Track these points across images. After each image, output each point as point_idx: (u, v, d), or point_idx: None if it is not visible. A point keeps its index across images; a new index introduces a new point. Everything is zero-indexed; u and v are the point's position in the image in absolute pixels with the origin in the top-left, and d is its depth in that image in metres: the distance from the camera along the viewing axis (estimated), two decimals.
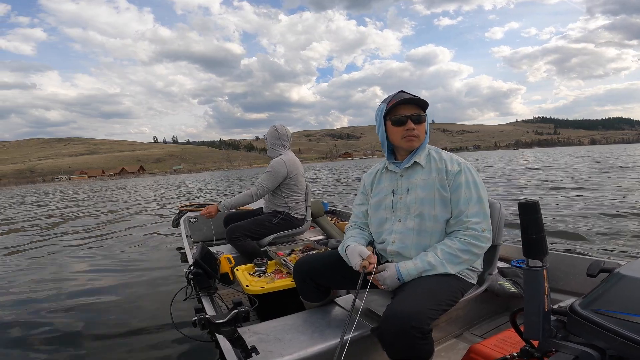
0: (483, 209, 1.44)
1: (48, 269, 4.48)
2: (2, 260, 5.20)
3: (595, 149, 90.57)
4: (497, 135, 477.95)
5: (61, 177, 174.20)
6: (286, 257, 2.38)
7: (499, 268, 2.03)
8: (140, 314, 2.83)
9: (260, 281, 2.08)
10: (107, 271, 4.20)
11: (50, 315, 2.90)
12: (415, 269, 1.42)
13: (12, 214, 13.39)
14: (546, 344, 0.92)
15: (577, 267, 1.88)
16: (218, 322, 1.27)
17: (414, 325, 1.18)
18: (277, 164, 2.94)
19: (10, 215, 12.67)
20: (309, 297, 1.77)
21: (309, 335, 1.50)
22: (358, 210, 1.75)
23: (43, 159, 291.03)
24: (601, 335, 0.83)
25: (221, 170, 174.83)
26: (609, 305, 0.88)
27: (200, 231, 4.07)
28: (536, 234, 0.93)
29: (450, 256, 1.41)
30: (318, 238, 3.41)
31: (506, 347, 1.24)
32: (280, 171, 2.93)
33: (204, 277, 1.95)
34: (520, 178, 13.61)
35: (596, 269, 1.03)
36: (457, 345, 1.75)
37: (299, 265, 1.76)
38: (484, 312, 1.95)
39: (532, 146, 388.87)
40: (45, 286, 3.69)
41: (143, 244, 5.71)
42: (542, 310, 0.90)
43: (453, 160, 1.53)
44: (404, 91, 1.54)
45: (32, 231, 8.06)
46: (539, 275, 0.92)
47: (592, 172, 13.81)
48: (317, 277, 1.70)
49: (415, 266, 1.42)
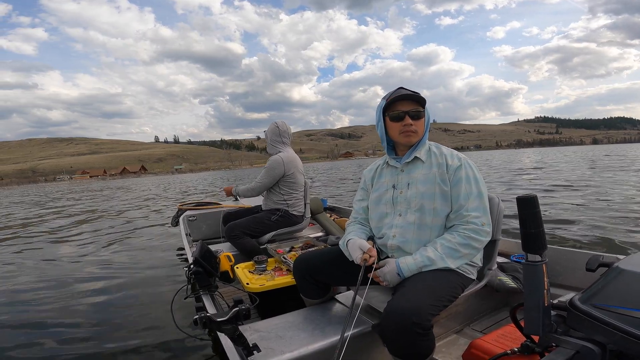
0: (483, 203, 1.44)
1: (47, 269, 4.49)
2: (7, 257, 5.22)
3: (598, 148, 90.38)
4: (499, 134, 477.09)
5: (63, 177, 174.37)
6: (286, 255, 2.38)
7: (498, 263, 2.03)
8: (142, 313, 2.83)
9: (260, 279, 2.08)
10: (108, 270, 4.21)
11: (50, 315, 2.92)
12: (415, 264, 1.42)
13: (20, 211, 13.43)
14: (546, 339, 0.92)
15: (576, 262, 1.88)
16: (219, 320, 1.27)
17: (414, 321, 1.18)
18: (274, 162, 2.95)
19: (20, 214, 12.71)
20: (309, 294, 1.77)
21: (310, 332, 1.50)
22: (358, 205, 1.75)
23: (45, 159, 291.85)
24: (601, 330, 0.83)
25: (222, 170, 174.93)
26: (608, 299, 0.87)
27: (199, 229, 4.08)
28: (535, 228, 0.93)
29: (450, 250, 1.41)
30: (317, 235, 3.41)
31: (507, 342, 1.24)
32: (278, 169, 2.95)
33: (204, 276, 1.95)
34: (520, 178, 13.60)
35: (595, 264, 1.02)
36: (458, 340, 1.75)
37: (298, 262, 1.76)
38: (484, 308, 1.96)
39: (534, 146, 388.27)
40: (44, 286, 3.70)
41: (143, 243, 5.73)
42: (542, 305, 0.90)
43: (453, 155, 1.53)
44: (403, 87, 1.54)
45: (34, 230, 8.09)
46: (539, 270, 0.92)
47: (594, 171, 13.80)
48: (316, 274, 1.70)
49: (415, 261, 1.42)
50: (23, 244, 6.47)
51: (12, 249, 5.98)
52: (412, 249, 1.49)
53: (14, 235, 7.54)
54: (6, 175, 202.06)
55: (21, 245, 6.28)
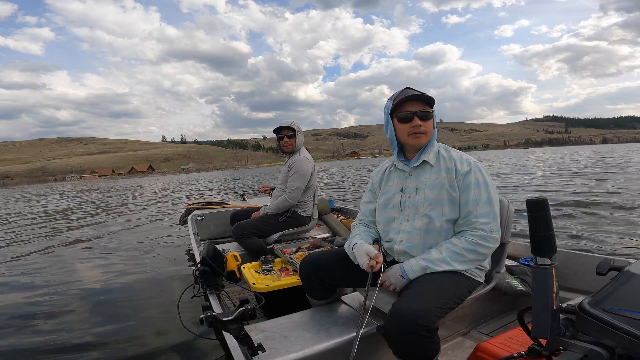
0: (492, 209, 1.42)
1: (55, 266, 4.56)
2: (17, 255, 5.31)
3: (608, 147, 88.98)
4: (507, 134, 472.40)
5: (72, 177, 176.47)
6: (292, 255, 2.39)
7: (507, 266, 2.01)
8: (149, 311, 2.86)
9: (266, 279, 2.08)
10: (116, 269, 4.25)
11: (57, 311, 2.96)
12: (418, 264, 1.42)
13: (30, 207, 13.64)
14: (554, 343, 0.91)
15: (586, 265, 1.85)
16: (225, 319, 1.27)
17: (419, 323, 1.17)
18: (303, 162, 2.94)
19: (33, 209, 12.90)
20: (315, 295, 1.77)
21: (315, 333, 1.50)
22: (365, 208, 1.74)
23: (54, 159, 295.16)
24: (610, 333, 0.82)
25: (229, 169, 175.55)
26: (618, 303, 0.86)
27: (207, 229, 4.10)
28: (545, 231, 0.91)
29: (455, 254, 1.40)
30: (324, 236, 3.41)
31: (514, 345, 1.23)
32: (308, 169, 2.95)
33: (211, 275, 1.96)
34: (523, 178, 13.46)
35: (606, 267, 1.01)
36: (464, 343, 1.74)
37: (305, 263, 1.76)
38: (491, 311, 1.94)
39: (543, 145, 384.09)
40: (53, 283, 3.76)
41: (151, 242, 5.77)
42: (550, 309, 0.89)
43: (463, 159, 1.50)
44: (409, 88, 1.52)
45: (37, 227, 8.21)
46: (548, 273, 0.91)
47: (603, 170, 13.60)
48: (322, 274, 1.70)
49: (418, 262, 1.42)
50: (29, 239, 6.57)
51: (18, 244, 6.08)
52: (419, 254, 1.48)
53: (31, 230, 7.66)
54: (17, 175, 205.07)
55: (25, 242, 6.37)
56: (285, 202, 2.96)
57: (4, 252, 5.75)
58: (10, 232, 8.12)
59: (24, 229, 8.60)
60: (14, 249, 5.92)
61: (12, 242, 6.63)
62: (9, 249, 5.96)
